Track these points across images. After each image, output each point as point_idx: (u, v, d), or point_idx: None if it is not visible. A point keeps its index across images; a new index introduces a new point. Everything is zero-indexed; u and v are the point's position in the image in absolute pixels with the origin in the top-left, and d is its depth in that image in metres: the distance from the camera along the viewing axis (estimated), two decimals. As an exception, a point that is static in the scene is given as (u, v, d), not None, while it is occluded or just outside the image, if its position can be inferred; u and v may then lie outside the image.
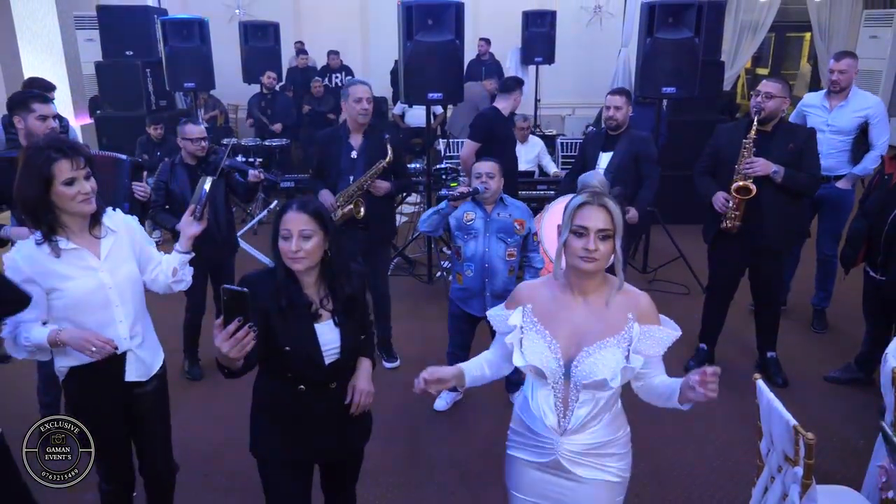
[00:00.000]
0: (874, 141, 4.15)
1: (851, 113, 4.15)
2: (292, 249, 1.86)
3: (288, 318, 1.91)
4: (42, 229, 1.99)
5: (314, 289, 1.97)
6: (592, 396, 1.76)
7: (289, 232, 1.87)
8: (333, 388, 2.01)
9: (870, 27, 10.33)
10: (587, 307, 1.78)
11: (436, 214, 3.31)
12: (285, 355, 1.92)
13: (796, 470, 1.94)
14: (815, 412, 3.49)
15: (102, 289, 2.07)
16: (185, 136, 3.72)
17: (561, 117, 10.30)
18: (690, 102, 6.01)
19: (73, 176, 1.95)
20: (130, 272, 2.16)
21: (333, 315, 1.98)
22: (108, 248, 2.10)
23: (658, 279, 5.21)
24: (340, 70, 9.32)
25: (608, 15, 10.05)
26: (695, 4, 5.04)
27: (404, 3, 4.60)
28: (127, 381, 2.17)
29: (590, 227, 1.68)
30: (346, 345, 1.99)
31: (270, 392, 2.02)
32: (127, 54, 7.24)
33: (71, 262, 2.02)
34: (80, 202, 1.98)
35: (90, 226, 2.08)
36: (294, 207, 1.90)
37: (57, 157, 1.93)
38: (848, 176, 4.23)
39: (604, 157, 4.16)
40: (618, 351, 1.73)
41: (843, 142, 4.20)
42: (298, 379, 1.95)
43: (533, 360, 1.77)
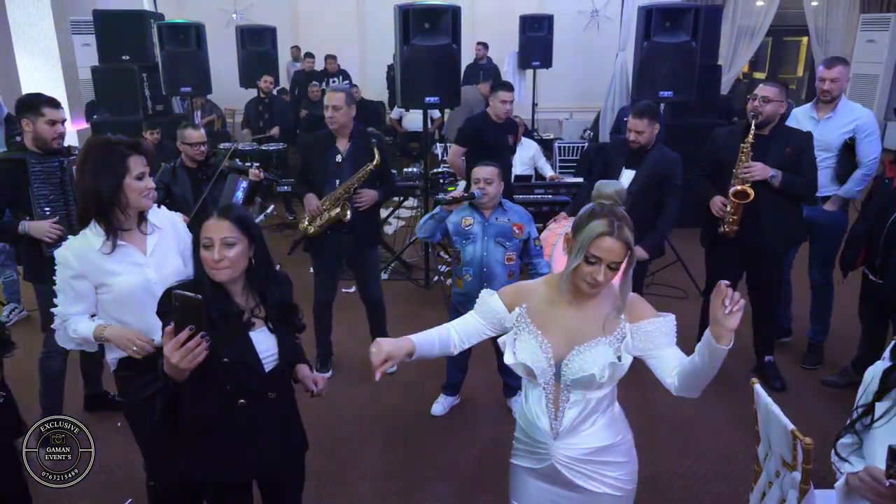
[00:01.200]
0: (861, 158, 3.71)
1: (837, 127, 3.74)
2: (214, 259, 1.77)
3: (220, 329, 1.79)
4: (103, 224, 2.06)
5: (242, 297, 1.90)
6: (583, 397, 1.75)
7: (210, 240, 1.78)
8: (272, 399, 1.92)
9: (867, 31, 10.38)
10: (580, 310, 1.78)
11: (431, 220, 3.30)
12: (224, 367, 1.80)
13: (794, 475, 1.93)
14: (813, 416, 3.47)
15: (149, 283, 2.12)
16: (184, 140, 3.72)
17: (559, 121, 10.33)
18: (688, 106, 6.02)
19: (143, 171, 2.07)
20: (175, 267, 2.20)
21: (266, 322, 1.91)
22: (154, 244, 2.18)
23: (656, 283, 5.20)
24: (338, 74, 9.33)
25: (605, 19, 10.08)
26: (692, 8, 5.05)
27: (401, 7, 4.60)
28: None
29: (603, 259, 1.67)
30: (284, 350, 1.93)
31: (202, 411, 1.88)
32: (123, 59, 7.22)
33: (119, 258, 2.09)
34: (146, 197, 2.09)
35: (138, 222, 2.16)
36: (215, 215, 1.81)
37: (130, 152, 2.04)
38: (833, 198, 3.82)
39: (626, 173, 3.78)
40: (608, 349, 1.74)
41: (828, 158, 3.76)
42: (238, 391, 1.85)
43: (523, 359, 1.77)
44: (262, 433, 1.92)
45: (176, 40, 6.69)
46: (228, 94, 8.97)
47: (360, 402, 3.72)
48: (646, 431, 3.10)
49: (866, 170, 3.73)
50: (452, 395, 3.65)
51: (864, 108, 3.84)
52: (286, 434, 2.02)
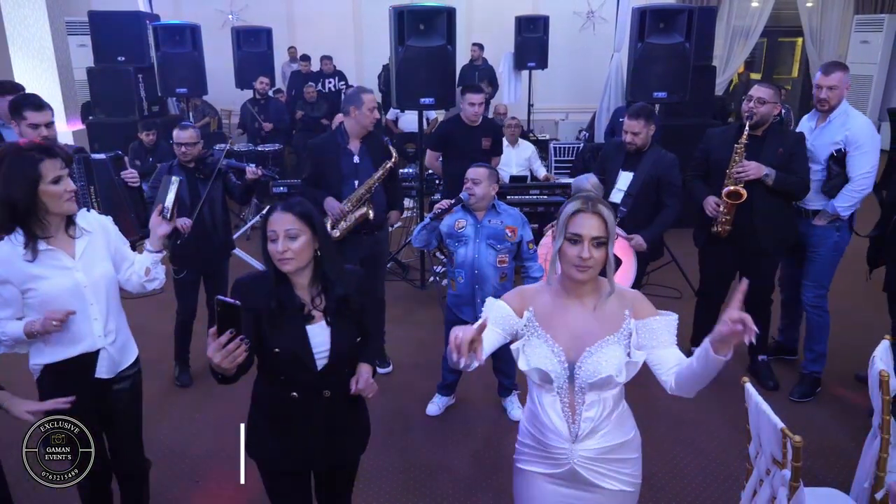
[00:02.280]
0: (850, 173, 3.41)
1: (826, 136, 3.49)
2: (279, 250, 1.84)
3: (278, 320, 1.89)
4: (26, 230, 2.03)
5: (306, 290, 1.95)
6: (598, 397, 1.76)
7: (275, 233, 1.86)
8: (327, 397, 1.96)
9: (860, 32, 10.43)
10: (583, 310, 1.79)
11: (424, 230, 3.31)
12: (274, 357, 1.90)
13: (784, 473, 1.94)
14: (805, 415, 3.50)
15: (77, 287, 2.13)
16: (173, 140, 3.74)
17: (554, 122, 10.35)
18: (683, 107, 6.04)
19: (60, 174, 2.01)
20: (105, 271, 2.21)
21: (325, 315, 1.95)
22: (83, 247, 2.16)
23: (650, 283, 5.21)
24: (333, 75, 9.34)
25: (601, 20, 10.11)
26: (685, 10, 5.08)
27: (396, 9, 4.61)
28: (96, 377, 2.22)
29: (584, 235, 1.69)
30: (337, 347, 1.95)
31: (267, 396, 2.01)
32: (119, 60, 7.23)
33: (46, 262, 2.08)
34: (67, 200, 2.05)
35: (66, 226, 2.13)
36: (279, 208, 1.89)
37: (42, 157, 1.99)
38: (821, 213, 3.56)
39: (623, 175, 3.79)
40: (619, 347, 1.75)
41: (817, 171, 3.52)
42: (289, 383, 1.93)
43: (537, 363, 1.77)
44: (317, 429, 1.98)
45: (171, 41, 6.69)
46: (224, 95, 8.97)
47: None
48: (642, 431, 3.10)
49: (855, 186, 3.41)
50: (447, 395, 3.66)
51: (861, 118, 3.49)
52: (344, 434, 2.06)
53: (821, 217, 3.58)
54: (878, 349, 2.41)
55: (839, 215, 3.49)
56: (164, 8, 8.85)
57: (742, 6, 10.60)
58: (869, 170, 3.41)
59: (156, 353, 3.93)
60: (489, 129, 4.75)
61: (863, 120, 3.48)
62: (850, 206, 3.47)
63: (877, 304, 4.10)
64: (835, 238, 3.59)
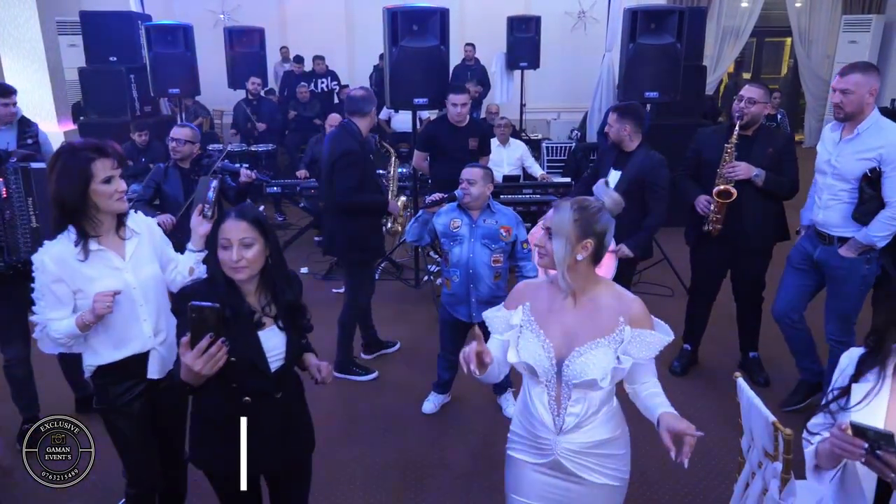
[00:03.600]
0: (887, 196, 2.95)
1: (856, 152, 3.01)
2: (234, 259, 1.81)
3: (230, 328, 1.81)
4: (79, 228, 2.06)
5: (255, 297, 1.94)
6: (584, 395, 1.79)
7: (228, 241, 1.82)
8: (278, 398, 1.96)
9: (848, 32, 10.52)
10: (579, 309, 1.82)
11: (416, 223, 3.33)
12: (229, 366, 1.81)
13: (776, 465, 1.98)
14: (797, 410, 3.55)
15: (127, 288, 2.14)
16: (172, 136, 3.77)
17: (546, 122, 10.40)
18: (673, 107, 6.09)
19: (111, 174, 2.04)
20: (154, 272, 2.24)
21: (276, 321, 1.94)
22: (133, 249, 2.18)
23: (643, 281, 5.27)
24: (326, 75, 9.34)
25: (592, 20, 10.16)
26: (676, 10, 5.13)
27: (389, 10, 4.63)
28: (149, 378, 2.23)
29: (544, 224, 1.83)
30: (292, 349, 1.96)
31: (214, 403, 1.93)
32: (111, 60, 7.21)
33: (97, 263, 2.10)
34: (117, 200, 2.08)
35: (116, 227, 2.16)
36: (233, 216, 1.86)
37: (94, 155, 2.02)
38: (851, 242, 3.11)
39: (613, 174, 3.79)
40: (609, 351, 1.77)
41: (845, 191, 3.08)
42: (243, 390, 1.90)
43: (526, 358, 1.81)
44: (269, 430, 1.95)
45: (164, 42, 6.68)
46: (216, 95, 8.96)
47: (351, 401, 3.75)
48: (636, 425, 3.14)
49: (894, 212, 2.96)
50: (443, 393, 3.68)
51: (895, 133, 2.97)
52: (293, 432, 2.05)
53: (850, 247, 3.12)
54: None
55: (874, 245, 3.06)
56: (155, 8, 8.82)
57: (732, 6, 10.68)
58: None
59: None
60: (476, 129, 4.74)
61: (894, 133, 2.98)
62: (888, 235, 3.03)
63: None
64: (863, 272, 3.16)
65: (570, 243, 1.75)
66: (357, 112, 3.71)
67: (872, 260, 3.15)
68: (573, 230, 1.75)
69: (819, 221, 3.22)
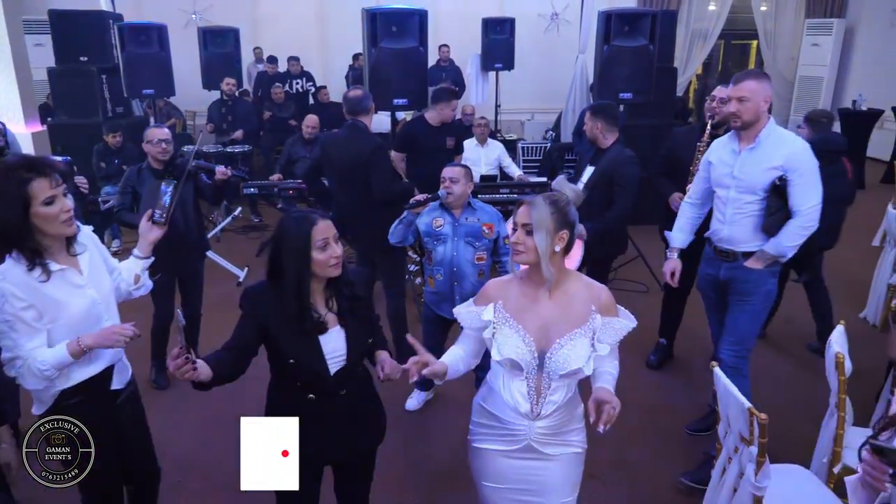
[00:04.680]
0: (794, 206, 2.82)
1: (760, 161, 2.86)
2: (336, 255, 1.92)
3: (292, 331, 1.92)
4: (25, 253, 1.86)
5: (322, 294, 2.00)
6: (564, 384, 1.90)
7: (325, 241, 1.90)
8: (343, 395, 2.02)
9: (811, 35, 10.84)
10: (553, 301, 1.91)
11: (400, 224, 3.37)
12: (290, 368, 1.95)
13: (751, 449, 2.07)
14: (769, 398, 3.65)
15: (94, 305, 2.04)
16: (147, 140, 3.71)
17: (521, 122, 10.50)
18: (645, 107, 6.22)
19: (53, 194, 1.84)
20: (110, 283, 2.15)
21: (339, 318, 2.00)
22: (87, 263, 2.05)
23: (618, 278, 5.38)
24: (301, 76, 9.31)
25: (565, 22, 10.30)
26: (649, 13, 5.25)
27: (369, 11, 4.66)
28: (112, 389, 2.16)
29: (517, 222, 1.89)
30: (352, 350, 2.01)
31: (282, 399, 2.05)
32: (81, 60, 7.10)
33: (60, 284, 1.94)
34: (63, 222, 1.89)
35: (67, 245, 2.00)
36: (319, 216, 1.94)
37: (30, 175, 1.81)
38: (758, 254, 2.93)
39: (588, 170, 3.87)
40: (585, 341, 1.88)
41: (751, 203, 2.91)
42: (305, 388, 1.99)
43: (509, 354, 1.88)
44: (334, 424, 2.03)
45: (137, 41, 6.62)
46: (191, 96, 8.87)
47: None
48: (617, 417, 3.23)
49: (803, 221, 2.82)
50: (425, 390, 3.73)
51: (798, 140, 2.91)
52: (360, 425, 2.12)
53: (757, 259, 2.94)
54: (834, 334, 2.58)
55: (784, 256, 2.91)
56: (125, 7, 8.70)
57: (700, 10, 10.92)
58: (817, 202, 2.83)
59: (132, 355, 3.90)
60: (452, 128, 4.84)
61: (801, 142, 2.91)
62: (795, 245, 2.88)
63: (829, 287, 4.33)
64: (769, 286, 2.99)
65: (551, 236, 1.85)
66: (361, 111, 3.84)
67: (776, 274, 3.01)
68: (552, 223, 1.85)
69: (723, 238, 3.01)
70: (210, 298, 4.18)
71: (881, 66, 10.10)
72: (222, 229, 6.78)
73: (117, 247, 6.18)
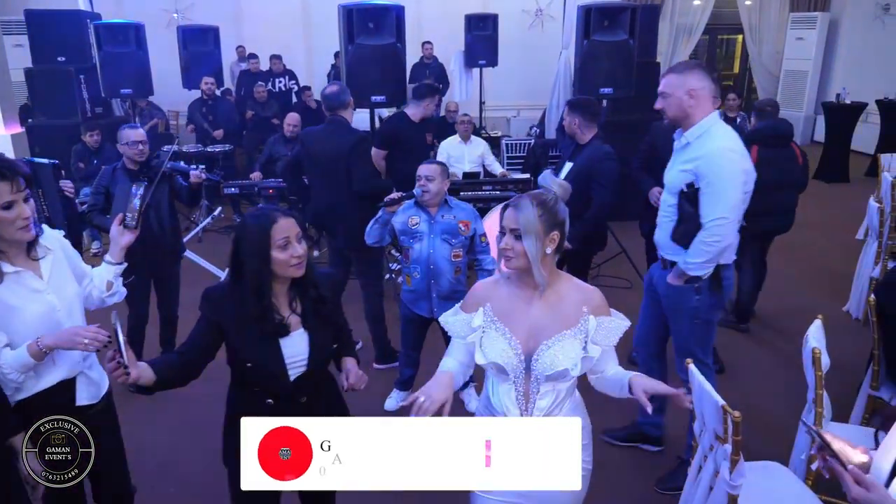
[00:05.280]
0: (702, 217, 2.57)
1: (681, 162, 2.66)
2: (299, 253, 1.84)
3: (252, 332, 1.86)
4: None
5: (285, 296, 1.93)
6: (553, 388, 1.82)
7: (287, 240, 1.82)
8: (303, 403, 1.95)
9: (796, 29, 10.86)
10: (542, 303, 1.84)
11: (376, 224, 3.33)
12: (248, 370, 1.90)
13: (726, 447, 2.04)
14: (749, 395, 3.66)
15: (52, 311, 1.95)
16: (123, 140, 3.64)
17: (506, 119, 10.47)
18: (628, 102, 6.20)
19: (12, 199, 1.79)
20: (75, 290, 2.06)
21: (303, 321, 1.93)
22: (49, 267, 1.97)
23: (602, 274, 5.35)
24: (284, 74, 9.24)
25: (549, 18, 10.28)
26: (629, 7, 5.22)
27: (345, 7, 4.62)
28: (78, 405, 2.04)
29: (504, 227, 1.81)
30: (315, 354, 1.94)
31: (242, 403, 1.97)
32: (59, 60, 7.01)
33: (15, 287, 1.88)
34: (20, 229, 1.82)
35: (28, 248, 1.93)
36: (282, 214, 1.85)
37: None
38: (675, 269, 2.71)
39: (567, 165, 3.84)
40: (575, 342, 1.80)
41: (671, 207, 2.72)
42: (265, 392, 1.92)
43: (494, 358, 1.82)
44: None
45: (114, 41, 6.54)
46: (172, 95, 8.79)
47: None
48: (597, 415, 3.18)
49: (704, 235, 2.56)
50: (405, 390, 3.68)
51: (716, 142, 2.56)
52: None
53: (674, 275, 2.71)
54: (811, 328, 2.55)
55: (690, 273, 2.65)
56: (105, 7, 8.60)
57: (685, 4, 10.93)
58: (720, 216, 2.53)
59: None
60: (431, 124, 4.84)
61: (718, 145, 2.55)
62: (703, 262, 2.61)
63: (807, 284, 4.32)
64: (692, 303, 2.70)
65: (540, 239, 1.77)
66: (339, 106, 3.81)
67: (703, 290, 2.68)
68: (541, 226, 1.77)
69: (656, 239, 2.85)
70: (190, 299, 4.09)
71: (865, 60, 10.13)
72: (204, 229, 6.71)
73: (97, 248, 6.10)
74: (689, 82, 2.58)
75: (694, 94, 2.57)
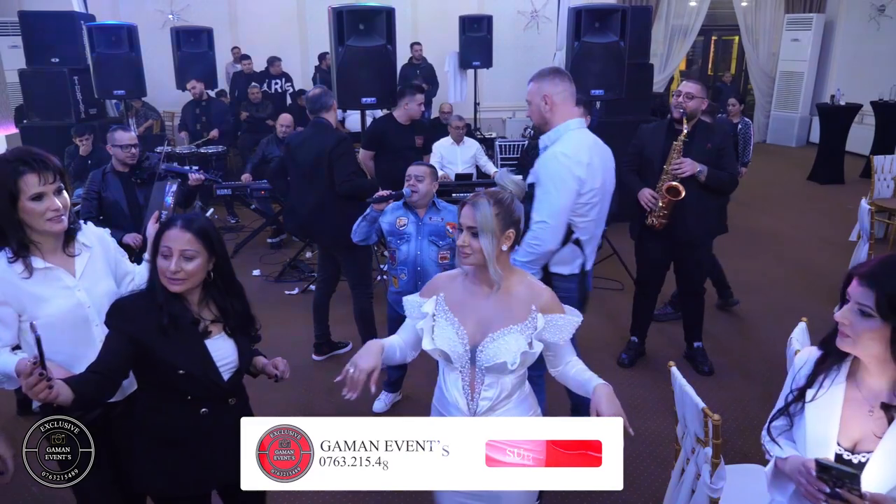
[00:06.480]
0: (531, 218, 2.62)
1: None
2: (171, 269, 1.75)
3: (174, 339, 1.78)
4: (11, 246, 1.85)
5: (199, 307, 1.88)
6: (497, 380, 1.86)
7: (169, 250, 1.76)
8: (233, 404, 1.92)
9: (791, 31, 10.87)
10: (494, 298, 1.88)
11: (364, 222, 3.33)
12: (181, 379, 1.80)
13: (707, 450, 2.04)
14: (737, 396, 3.64)
15: (80, 308, 1.97)
16: (114, 143, 3.62)
17: (501, 120, 10.47)
18: (621, 104, 6.19)
19: (41, 191, 1.83)
20: (108, 288, 2.05)
21: (225, 328, 1.89)
22: (84, 265, 1.99)
23: (594, 276, 5.34)
24: (280, 77, 9.23)
25: (545, 19, 10.28)
26: (619, 9, 5.21)
27: (335, 9, 4.62)
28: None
29: (462, 224, 1.84)
30: (244, 356, 1.92)
31: (164, 421, 1.87)
32: (53, 61, 7.00)
33: (44, 281, 1.90)
34: (50, 220, 1.86)
35: (64, 243, 1.96)
36: (179, 225, 1.79)
37: (24, 170, 1.81)
38: None
39: None
40: (520, 337, 1.84)
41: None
42: (198, 401, 1.85)
43: (440, 345, 1.86)
44: (224, 440, 1.86)
45: (107, 42, 6.53)
46: (166, 96, 8.80)
47: (299, 402, 3.72)
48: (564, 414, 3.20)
49: (528, 236, 2.58)
50: (394, 391, 3.68)
51: (556, 148, 2.61)
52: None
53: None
54: (796, 331, 2.55)
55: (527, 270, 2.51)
56: (100, 8, 8.60)
57: (680, 5, 10.93)
58: (542, 219, 2.56)
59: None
60: (422, 127, 4.87)
61: (555, 150, 2.60)
62: (526, 262, 2.62)
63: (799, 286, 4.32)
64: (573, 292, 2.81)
65: (497, 237, 1.81)
66: (322, 108, 3.85)
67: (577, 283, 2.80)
68: (497, 224, 1.80)
69: None
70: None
71: (860, 61, 10.14)
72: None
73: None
74: (544, 88, 2.61)
75: (548, 99, 2.61)
